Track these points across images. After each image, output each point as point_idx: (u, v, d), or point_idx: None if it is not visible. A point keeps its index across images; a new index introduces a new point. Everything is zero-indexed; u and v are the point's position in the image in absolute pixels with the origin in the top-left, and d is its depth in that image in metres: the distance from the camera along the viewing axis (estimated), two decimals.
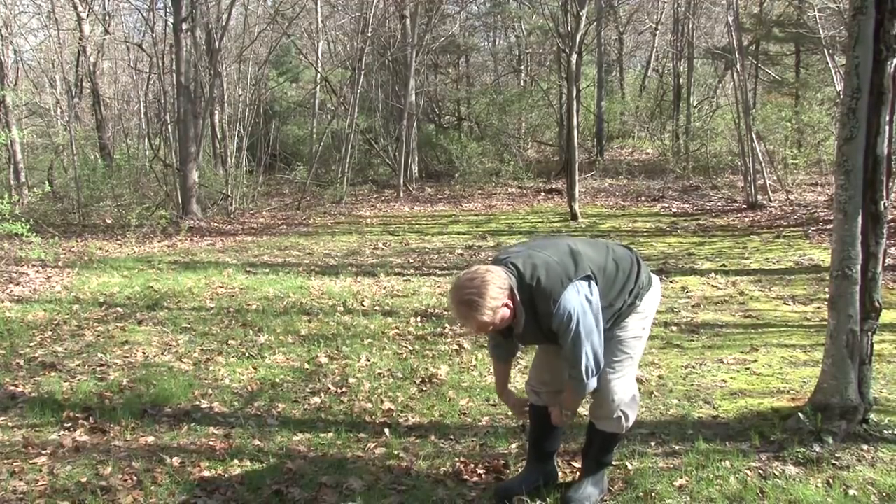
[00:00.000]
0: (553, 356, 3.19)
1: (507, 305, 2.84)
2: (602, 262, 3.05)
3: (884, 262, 3.82)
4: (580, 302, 2.86)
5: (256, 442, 3.92)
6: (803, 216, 10.90)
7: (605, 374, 3.10)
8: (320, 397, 4.56)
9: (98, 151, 16.84)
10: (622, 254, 3.17)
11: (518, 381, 4.33)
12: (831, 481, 3.32)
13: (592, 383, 2.99)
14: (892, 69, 3.60)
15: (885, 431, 3.74)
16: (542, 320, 2.91)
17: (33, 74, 19.51)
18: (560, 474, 3.41)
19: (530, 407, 3.41)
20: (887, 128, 3.63)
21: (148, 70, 16.96)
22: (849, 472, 3.41)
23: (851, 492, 3.23)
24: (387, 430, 4.03)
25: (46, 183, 13.65)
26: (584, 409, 4.06)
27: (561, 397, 3.18)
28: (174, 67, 13.48)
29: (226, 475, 3.52)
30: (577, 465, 3.45)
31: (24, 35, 18.58)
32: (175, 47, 13.16)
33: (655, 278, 3.29)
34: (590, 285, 2.93)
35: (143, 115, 18.29)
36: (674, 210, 12.55)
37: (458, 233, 11.10)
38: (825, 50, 12.19)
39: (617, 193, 14.87)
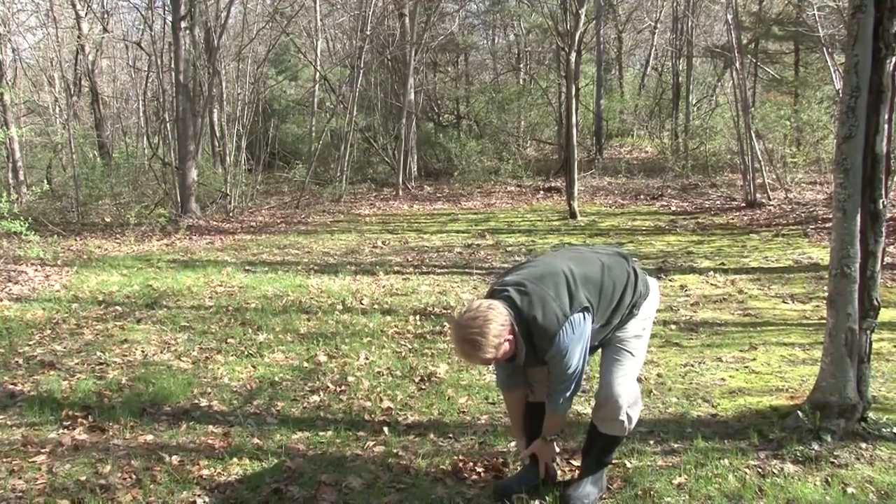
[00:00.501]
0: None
1: (507, 340, 2.88)
2: (598, 283, 3.06)
3: (882, 260, 3.83)
4: (574, 339, 2.93)
5: (255, 440, 3.92)
6: (802, 215, 10.90)
7: (608, 373, 3.12)
8: (319, 396, 4.56)
9: (97, 150, 16.83)
10: (618, 269, 3.16)
11: None
12: (830, 479, 3.32)
13: (568, 404, 3.09)
14: (892, 67, 3.60)
15: (884, 430, 3.74)
16: (539, 353, 2.97)
17: (32, 73, 19.47)
18: (559, 473, 3.41)
19: (529, 405, 3.42)
20: (886, 126, 3.63)
21: (147, 68, 16.96)
22: (847, 470, 3.41)
23: (850, 490, 3.23)
24: (386, 429, 4.03)
25: (45, 181, 13.67)
26: (584, 409, 4.07)
27: (543, 428, 3.21)
28: (173, 66, 13.48)
29: (225, 473, 3.53)
30: (577, 463, 3.45)
31: (22, 33, 18.56)
32: (174, 45, 13.15)
33: (654, 283, 3.30)
34: (584, 318, 2.96)
35: (141, 114, 18.28)
36: (673, 208, 12.55)
37: (457, 231, 11.10)
38: (824, 48, 12.20)
39: (616, 192, 14.88)
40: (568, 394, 3.04)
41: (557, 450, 3.37)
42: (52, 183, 14.54)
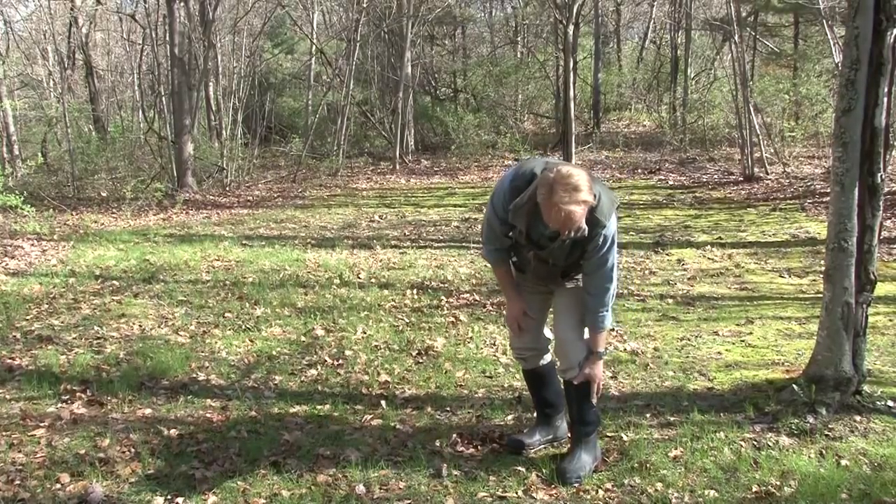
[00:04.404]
0: (535, 314, 3.34)
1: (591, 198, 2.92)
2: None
3: (879, 234, 3.83)
4: (616, 231, 3.06)
5: (253, 414, 3.94)
6: (800, 189, 10.89)
7: (564, 326, 3.24)
8: (317, 369, 4.57)
9: (92, 124, 16.72)
10: None
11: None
12: (824, 452, 3.35)
13: (609, 317, 3.14)
14: (892, 40, 3.57)
15: (878, 403, 3.77)
16: (581, 240, 3.00)
17: (24, 45, 19.26)
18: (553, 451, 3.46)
19: (524, 372, 3.53)
20: (886, 99, 3.61)
21: (141, 41, 16.78)
22: (841, 442, 3.44)
23: (844, 462, 3.26)
24: (383, 402, 4.04)
25: (40, 156, 13.58)
26: None
27: (590, 358, 3.21)
28: (168, 39, 13.33)
29: (223, 447, 3.54)
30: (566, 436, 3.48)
31: (13, 4, 18.33)
32: (168, 18, 13.00)
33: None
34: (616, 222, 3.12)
35: (136, 87, 18.14)
36: (670, 182, 12.53)
37: (455, 205, 11.08)
38: (824, 21, 12.09)
39: (613, 166, 14.83)
40: (606, 305, 3.10)
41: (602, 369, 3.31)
42: (47, 157, 14.46)
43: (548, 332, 3.42)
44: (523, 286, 3.36)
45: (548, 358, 3.43)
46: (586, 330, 3.21)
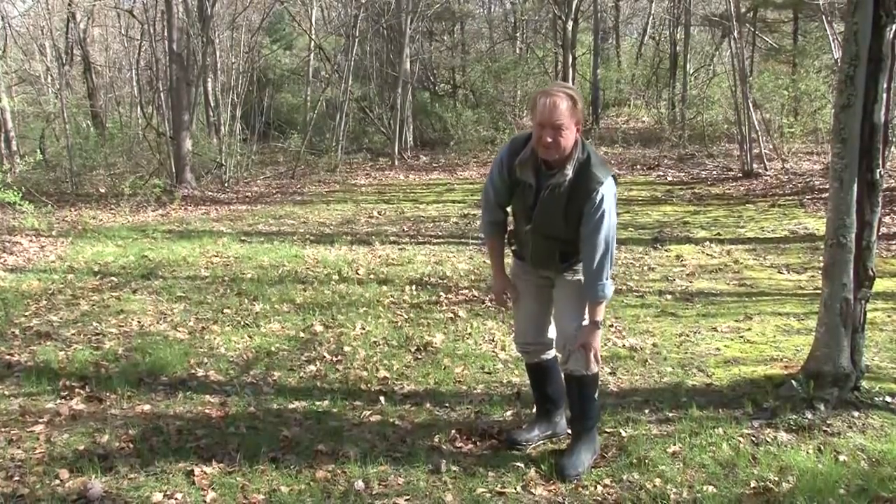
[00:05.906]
0: (537, 307, 3.35)
1: (577, 125, 2.99)
2: None
3: (878, 230, 3.83)
4: (614, 196, 3.08)
5: (252, 410, 3.94)
6: (799, 185, 10.89)
7: (563, 320, 3.23)
8: (316, 365, 4.58)
9: (90, 120, 16.68)
10: None
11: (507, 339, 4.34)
12: (822, 447, 3.35)
13: (609, 287, 3.08)
14: (892, 35, 3.57)
15: (876, 398, 3.78)
16: (577, 197, 3.02)
17: (22, 41, 19.22)
18: (552, 446, 3.46)
19: (527, 366, 3.54)
20: (885, 95, 3.61)
21: (139, 37, 16.75)
22: (840, 438, 3.44)
23: (842, 458, 3.26)
24: (382, 398, 4.05)
25: (38, 152, 13.56)
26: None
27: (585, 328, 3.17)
28: (166, 34, 13.31)
29: (222, 443, 3.54)
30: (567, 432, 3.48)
31: (11, 0, 18.29)
32: (167, 14, 12.98)
33: None
34: (616, 189, 3.14)
35: (135, 83, 18.11)
36: (669, 179, 12.52)
37: (454, 201, 11.07)
38: (824, 17, 12.08)
39: (612, 162, 14.81)
40: (603, 273, 3.04)
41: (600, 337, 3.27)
42: (45, 153, 14.43)
43: (551, 332, 3.41)
44: (525, 276, 3.36)
45: (551, 353, 3.43)
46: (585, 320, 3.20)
